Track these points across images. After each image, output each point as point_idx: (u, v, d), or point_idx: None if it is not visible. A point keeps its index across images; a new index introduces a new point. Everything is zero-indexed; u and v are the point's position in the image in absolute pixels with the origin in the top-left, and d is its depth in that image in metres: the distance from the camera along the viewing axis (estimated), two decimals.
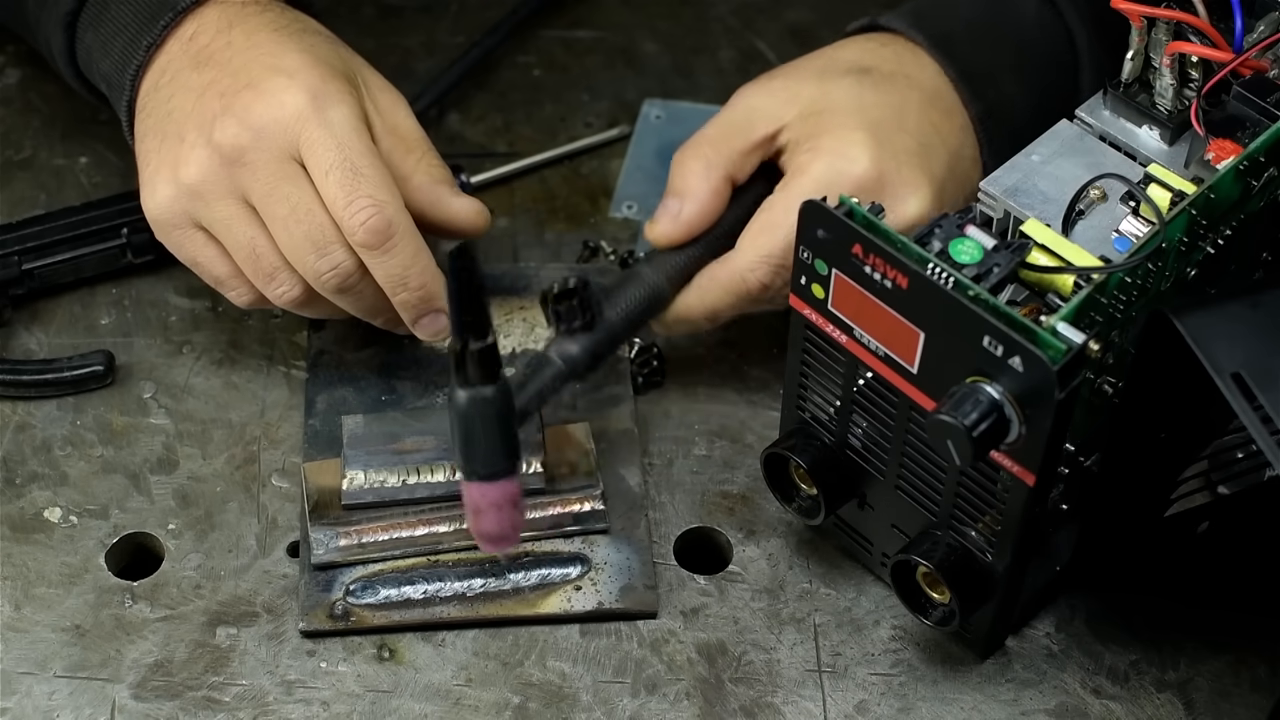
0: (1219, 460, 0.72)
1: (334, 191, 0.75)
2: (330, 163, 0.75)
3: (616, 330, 0.77)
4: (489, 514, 0.72)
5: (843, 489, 0.75)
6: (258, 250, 0.77)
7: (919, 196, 0.77)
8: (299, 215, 0.75)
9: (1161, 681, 0.75)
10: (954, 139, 0.80)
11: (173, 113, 0.78)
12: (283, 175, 0.75)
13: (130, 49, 0.80)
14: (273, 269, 0.77)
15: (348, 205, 0.75)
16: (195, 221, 0.78)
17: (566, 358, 0.75)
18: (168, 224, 0.78)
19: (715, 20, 1.02)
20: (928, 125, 0.79)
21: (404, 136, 0.80)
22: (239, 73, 0.77)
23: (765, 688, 0.74)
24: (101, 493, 0.80)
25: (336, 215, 0.75)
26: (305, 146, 0.75)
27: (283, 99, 0.76)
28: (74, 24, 0.83)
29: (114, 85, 0.82)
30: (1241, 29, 0.70)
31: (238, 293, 0.79)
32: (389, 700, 0.73)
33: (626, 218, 0.91)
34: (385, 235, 0.75)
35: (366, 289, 0.77)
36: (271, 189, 0.75)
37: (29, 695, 0.73)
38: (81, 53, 0.83)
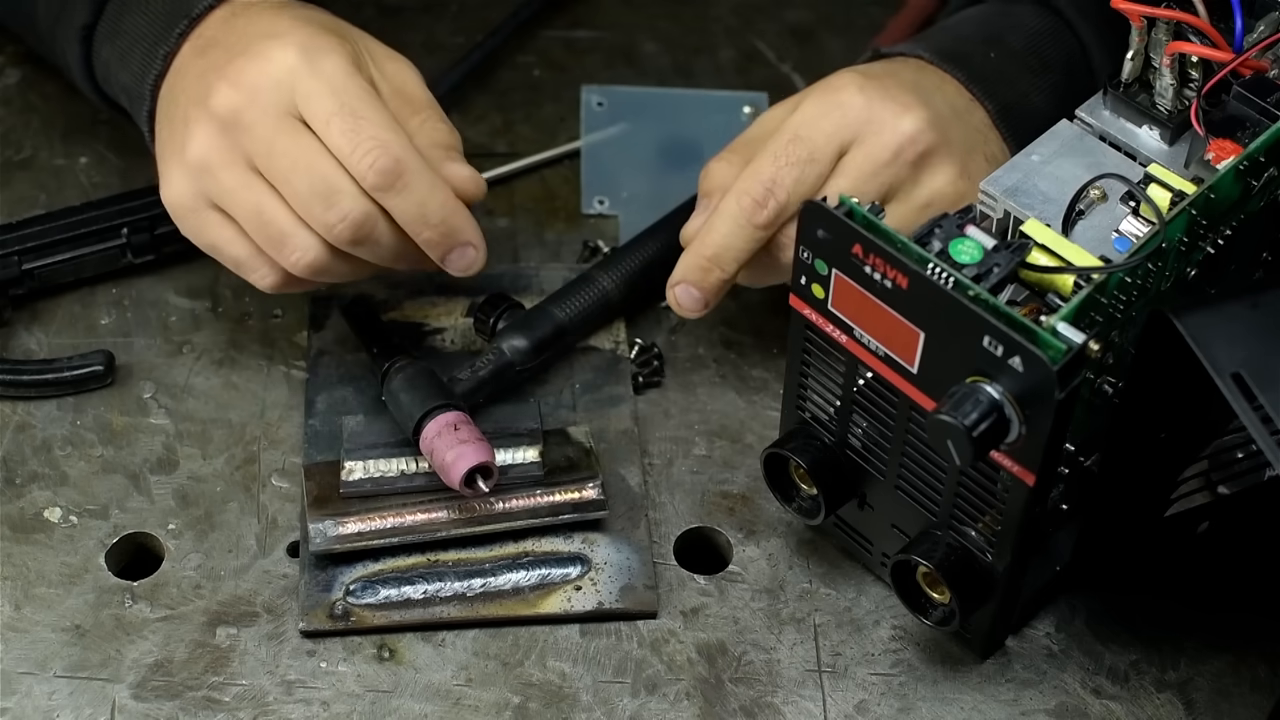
0: (1219, 460, 0.72)
1: (337, 139, 0.75)
2: (329, 111, 0.75)
3: (561, 325, 0.83)
4: (439, 450, 0.76)
5: (843, 489, 0.75)
6: (265, 214, 0.76)
7: (913, 115, 0.77)
8: (301, 168, 0.75)
9: (1161, 681, 0.75)
10: (965, 111, 0.80)
11: (177, 99, 0.79)
12: (281, 130, 0.75)
13: (148, 59, 0.81)
14: (283, 233, 0.76)
15: (353, 150, 0.74)
16: (209, 200, 0.77)
17: (510, 348, 0.82)
18: (184, 209, 0.78)
19: (715, 20, 1.02)
20: (931, 85, 0.80)
21: (410, 98, 0.80)
22: (233, 47, 0.77)
23: (765, 688, 0.74)
24: (101, 493, 0.80)
25: (345, 162, 0.75)
26: (301, 100, 0.75)
27: (272, 56, 0.76)
28: (90, 37, 0.83)
29: (134, 96, 0.82)
30: (1241, 29, 0.70)
31: (260, 273, 0.78)
32: (389, 700, 0.73)
33: (601, 213, 0.91)
34: (395, 174, 0.74)
35: (383, 235, 0.76)
36: (271, 146, 0.75)
37: (29, 695, 0.73)
38: (99, 66, 0.84)
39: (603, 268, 0.85)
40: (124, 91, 0.83)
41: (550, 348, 0.83)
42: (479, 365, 0.81)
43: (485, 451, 0.76)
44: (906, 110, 0.77)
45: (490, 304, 0.84)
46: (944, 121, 0.78)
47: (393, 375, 0.79)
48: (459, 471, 0.75)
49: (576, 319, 0.83)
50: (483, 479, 0.76)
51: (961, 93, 0.81)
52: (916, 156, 0.77)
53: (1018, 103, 0.81)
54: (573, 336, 0.84)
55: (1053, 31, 0.83)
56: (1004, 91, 0.81)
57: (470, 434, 0.76)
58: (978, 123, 0.80)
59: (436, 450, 0.76)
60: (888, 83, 0.78)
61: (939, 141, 0.77)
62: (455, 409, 0.77)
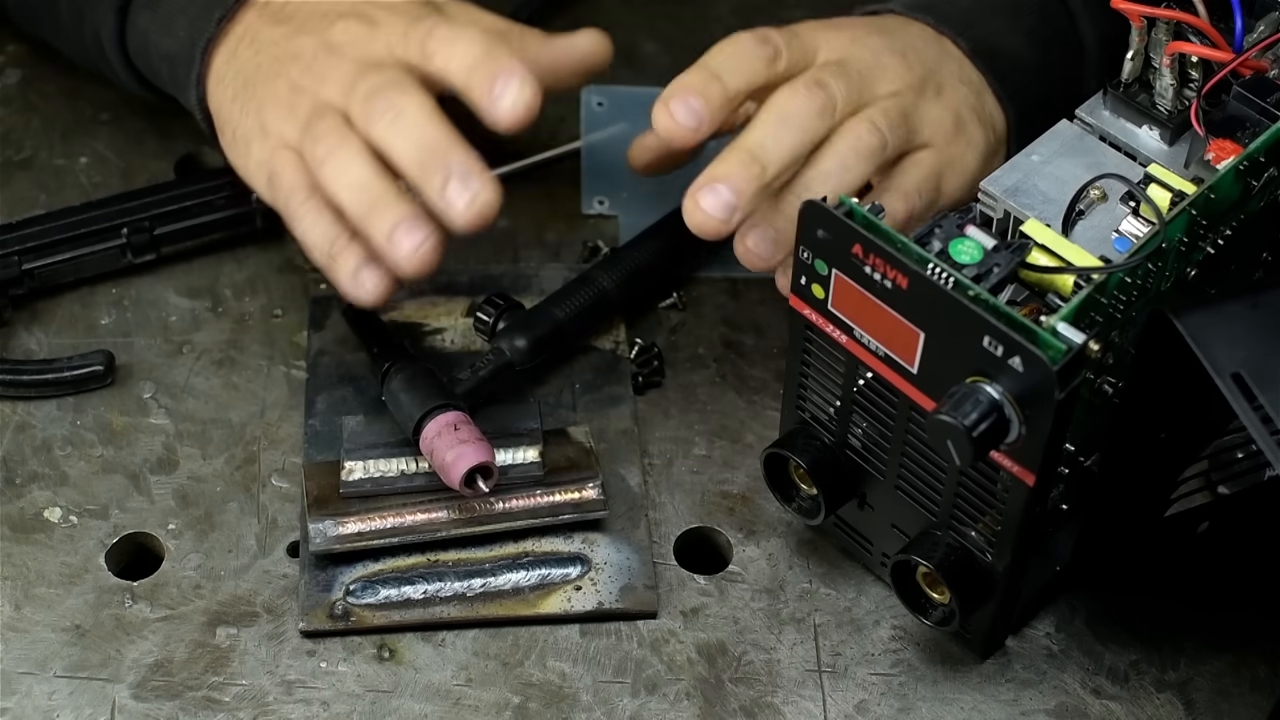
0: (1219, 460, 0.72)
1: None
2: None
3: (561, 325, 0.83)
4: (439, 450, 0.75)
5: (843, 489, 0.75)
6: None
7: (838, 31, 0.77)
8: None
9: (1161, 681, 0.75)
10: (934, 40, 0.80)
11: (261, 65, 0.78)
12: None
13: (200, 23, 0.81)
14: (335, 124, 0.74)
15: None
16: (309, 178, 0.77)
17: (510, 348, 0.81)
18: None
19: (715, 20, 1.02)
20: (894, 24, 0.80)
21: (491, 26, 0.81)
22: (328, 12, 0.78)
23: (765, 688, 0.74)
24: (101, 493, 0.80)
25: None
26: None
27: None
28: (126, 7, 0.84)
29: (180, 61, 0.82)
30: (1241, 29, 0.70)
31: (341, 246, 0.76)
32: (389, 700, 0.73)
33: (601, 213, 0.91)
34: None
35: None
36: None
37: (29, 695, 0.73)
38: (135, 37, 0.84)
39: (603, 268, 0.85)
40: (166, 58, 0.83)
41: (550, 348, 0.83)
42: (479, 365, 0.81)
43: (485, 451, 0.76)
44: (831, 29, 0.77)
45: (490, 304, 0.84)
46: (917, 52, 0.78)
47: (393, 375, 0.79)
48: (459, 471, 0.75)
49: (576, 319, 0.83)
50: (483, 479, 0.76)
51: (928, 33, 0.81)
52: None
53: (993, 39, 0.81)
54: (573, 336, 0.84)
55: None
56: (976, 30, 0.81)
57: (470, 434, 0.76)
58: (948, 52, 0.80)
59: (436, 450, 0.76)
60: (845, 22, 0.79)
61: (907, 77, 0.77)
62: (455, 409, 0.77)
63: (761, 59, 0.74)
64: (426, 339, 0.85)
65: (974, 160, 0.79)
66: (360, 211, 0.73)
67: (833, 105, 0.74)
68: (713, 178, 0.72)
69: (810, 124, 0.73)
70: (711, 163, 0.73)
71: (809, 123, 0.73)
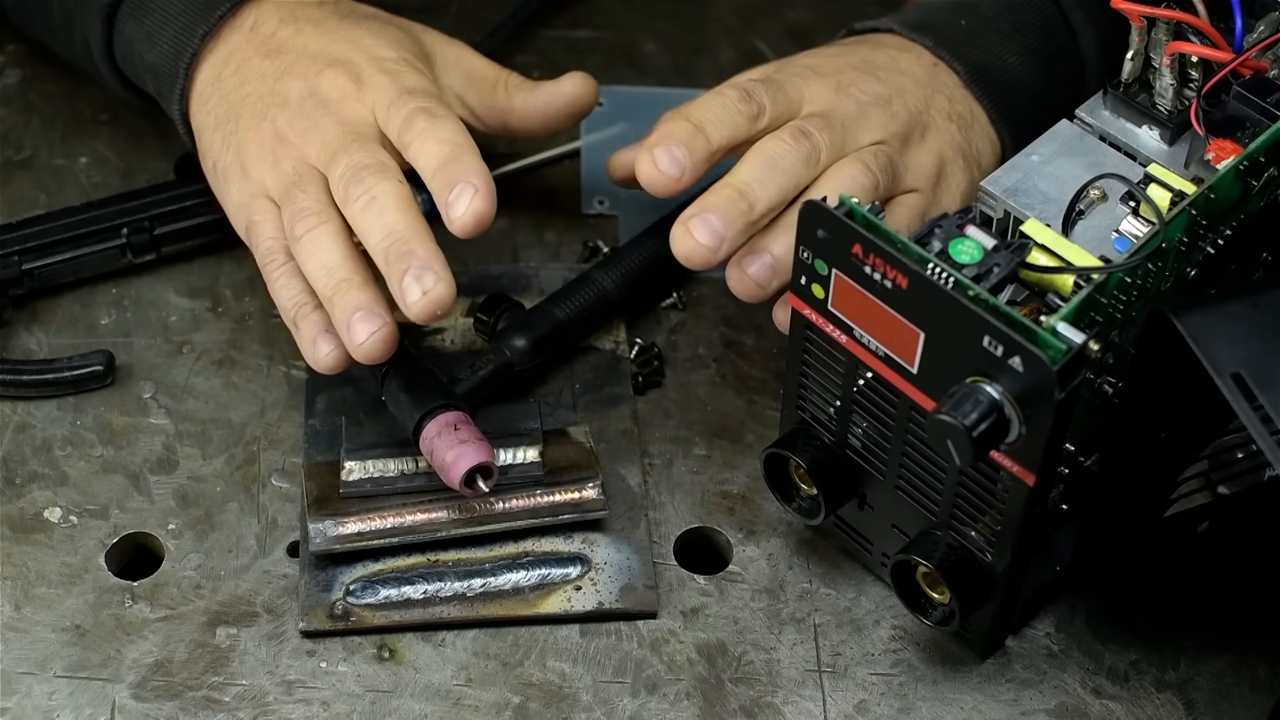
0: (1219, 460, 0.72)
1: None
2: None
3: (561, 325, 0.82)
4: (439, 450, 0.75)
5: (843, 489, 0.75)
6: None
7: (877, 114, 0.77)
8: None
9: (1161, 681, 0.75)
10: (927, 77, 0.80)
11: (247, 98, 0.79)
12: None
13: (183, 38, 0.81)
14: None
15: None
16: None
17: (510, 348, 0.81)
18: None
19: (715, 20, 1.02)
20: (887, 60, 0.80)
21: (482, 77, 0.83)
22: (317, 56, 0.79)
23: (765, 688, 0.74)
24: (101, 493, 0.80)
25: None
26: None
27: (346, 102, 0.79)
28: (113, 15, 0.84)
29: (163, 74, 0.82)
30: (1241, 29, 0.70)
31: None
32: (389, 700, 0.73)
33: (601, 213, 0.91)
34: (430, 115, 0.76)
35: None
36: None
37: (29, 695, 0.73)
38: (121, 45, 0.84)
39: (603, 268, 0.85)
40: (150, 70, 0.83)
41: (550, 348, 0.83)
42: (479, 365, 0.81)
43: (485, 451, 0.76)
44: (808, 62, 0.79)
45: (490, 304, 0.84)
46: (903, 97, 0.79)
47: (393, 375, 0.79)
48: (459, 471, 0.75)
49: (576, 319, 0.83)
50: (483, 479, 0.76)
51: (924, 58, 0.81)
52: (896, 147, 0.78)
53: (990, 63, 0.82)
54: (573, 336, 0.84)
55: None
56: (975, 53, 0.81)
57: (470, 434, 0.76)
58: (941, 82, 0.81)
59: (436, 450, 0.76)
60: (833, 55, 0.80)
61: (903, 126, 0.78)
62: (455, 409, 0.77)
63: (745, 115, 0.76)
64: (426, 339, 0.85)
65: (955, 203, 0.80)
66: (326, 292, 0.75)
67: (817, 155, 0.76)
68: (704, 208, 0.74)
69: (796, 170, 0.75)
70: (701, 197, 0.74)
71: (795, 169, 0.75)
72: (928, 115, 0.79)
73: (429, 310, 0.73)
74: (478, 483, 0.76)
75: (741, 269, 0.75)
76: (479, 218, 0.74)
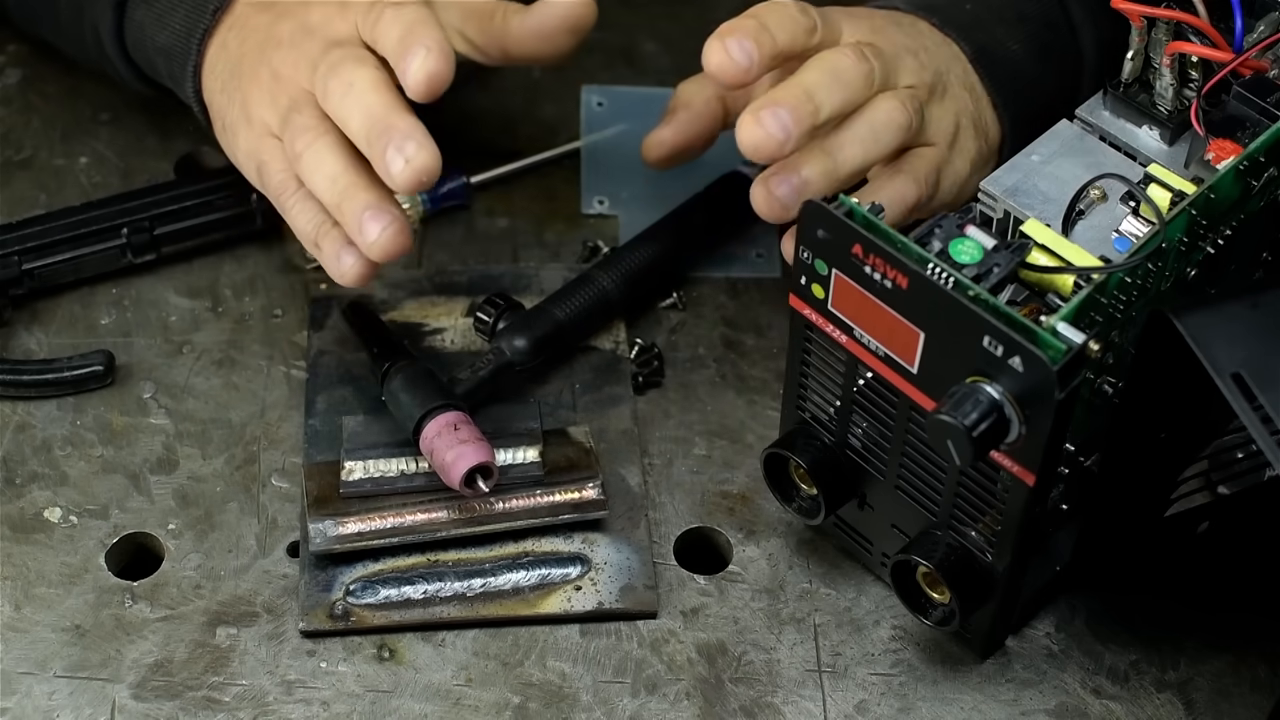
0: (1219, 460, 0.72)
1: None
2: None
3: (561, 325, 0.83)
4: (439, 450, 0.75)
5: (843, 489, 0.75)
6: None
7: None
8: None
9: (1161, 681, 0.75)
10: (942, 42, 0.81)
11: (247, 53, 0.80)
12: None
13: (195, 15, 0.82)
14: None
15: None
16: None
17: (510, 348, 0.81)
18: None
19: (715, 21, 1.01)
20: (906, 21, 0.81)
21: (479, 8, 0.84)
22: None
23: (765, 688, 0.74)
24: (101, 493, 0.80)
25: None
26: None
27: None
28: (124, 3, 0.84)
29: (176, 54, 0.83)
30: (1241, 29, 0.70)
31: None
32: (389, 700, 0.73)
33: (601, 213, 0.91)
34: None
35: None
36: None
37: (29, 695, 0.73)
38: (132, 31, 0.85)
39: (603, 268, 0.85)
40: (162, 52, 0.83)
41: (550, 348, 0.83)
42: (479, 365, 0.81)
43: (485, 451, 0.76)
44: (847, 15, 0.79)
45: (490, 304, 0.84)
46: (928, 52, 0.79)
47: (393, 375, 0.79)
48: (459, 471, 0.75)
49: (576, 319, 0.83)
50: (483, 479, 0.76)
51: (935, 31, 0.81)
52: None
53: (994, 47, 0.82)
54: (573, 336, 0.84)
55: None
56: (979, 36, 0.82)
57: (470, 434, 0.76)
58: (953, 54, 0.81)
59: (436, 450, 0.76)
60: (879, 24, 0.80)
61: (915, 68, 0.79)
62: (455, 409, 0.77)
63: (804, 28, 0.76)
64: (426, 339, 0.85)
65: (965, 167, 0.80)
66: (333, 203, 0.76)
67: (873, 77, 0.75)
68: (775, 101, 0.73)
69: (857, 85, 0.75)
70: (769, 92, 0.74)
71: (857, 84, 0.75)
72: (947, 78, 0.80)
73: (414, 179, 0.73)
74: (478, 483, 0.76)
75: (769, 188, 0.75)
76: (431, 74, 0.74)
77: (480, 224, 0.91)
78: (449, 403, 0.77)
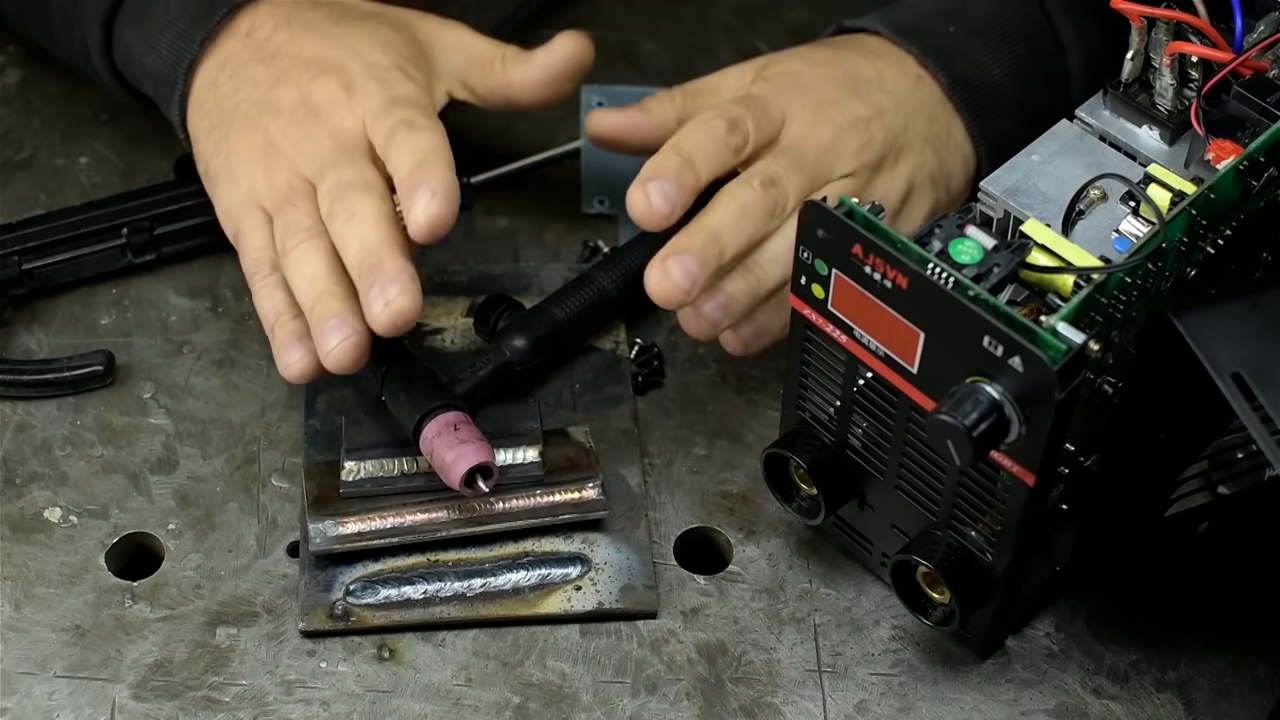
0: (1219, 460, 0.72)
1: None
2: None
3: (561, 325, 0.83)
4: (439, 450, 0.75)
5: (843, 489, 0.75)
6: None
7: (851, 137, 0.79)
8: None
9: (1161, 681, 0.75)
10: (909, 93, 0.81)
11: (240, 105, 0.80)
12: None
13: (182, 43, 0.82)
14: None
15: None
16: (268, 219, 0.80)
17: (510, 348, 0.81)
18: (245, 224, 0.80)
19: (715, 20, 1.02)
20: (871, 75, 0.81)
21: (480, 57, 0.84)
22: (310, 63, 0.80)
23: (765, 688, 0.74)
24: (101, 493, 0.80)
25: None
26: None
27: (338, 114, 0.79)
28: (112, 21, 0.84)
29: (163, 80, 0.83)
30: (1241, 29, 0.70)
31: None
32: (389, 700, 0.73)
33: (602, 213, 0.91)
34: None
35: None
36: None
37: (29, 695, 0.73)
38: (120, 49, 0.85)
39: (603, 268, 0.85)
40: (149, 75, 0.84)
41: (550, 347, 0.83)
42: (479, 365, 0.81)
43: (485, 451, 0.76)
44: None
45: (490, 304, 0.84)
46: (882, 119, 0.80)
47: (393, 375, 0.79)
48: (459, 471, 0.75)
49: (576, 319, 0.83)
50: (483, 479, 0.76)
51: (908, 70, 0.82)
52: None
53: (974, 74, 0.82)
54: (573, 336, 0.84)
55: (1019, 5, 0.84)
56: (960, 64, 0.82)
57: (470, 434, 0.76)
58: (922, 100, 0.82)
59: (436, 450, 0.76)
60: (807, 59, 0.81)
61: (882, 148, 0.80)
62: (455, 409, 0.77)
63: (731, 149, 0.78)
64: (426, 339, 0.85)
65: (915, 225, 0.81)
66: (307, 301, 0.76)
67: (783, 205, 0.77)
68: (680, 249, 0.75)
69: (762, 221, 0.77)
70: (676, 237, 0.76)
71: (761, 219, 0.77)
72: (904, 138, 0.80)
73: (391, 322, 0.74)
74: (478, 483, 0.76)
75: (697, 307, 0.77)
76: (432, 220, 0.75)
77: (480, 224, 0.91)
78: (449, 403, 0.77)
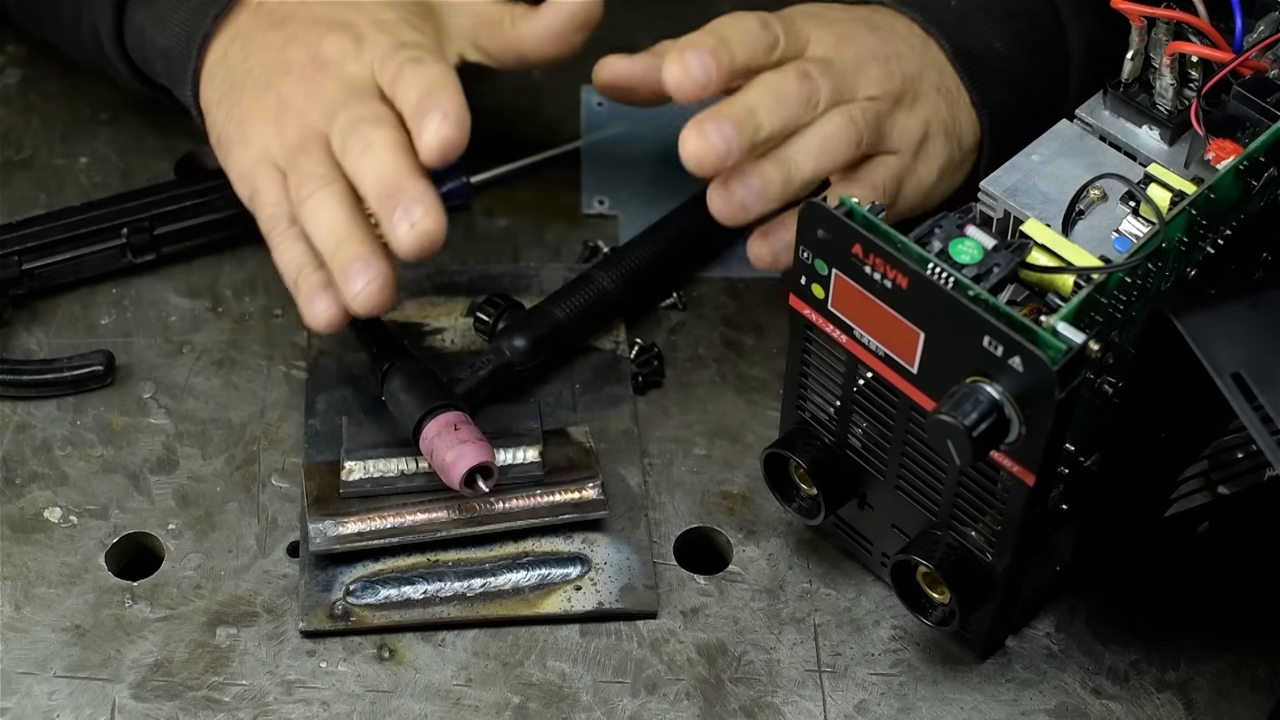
0: (1219, 460, 0.72)
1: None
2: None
3: (561, 325, 0.82)
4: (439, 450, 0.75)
5: (843, 489, 0.75)
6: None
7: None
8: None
9: (1161, 681, 0.75)
10: (921, 44, 0.81)
11: (252, 70, 0.80)
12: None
13: (195, 19, 0.82)
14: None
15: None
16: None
17: (510, 348, 0.81)
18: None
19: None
20: (884, 22, 0.81)
21: (488, 16, 0.83)
22: (320, 21, 0.80)
23: (765, 688, 0.74)
24: (101, 493, 0.80)
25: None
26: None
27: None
28: (124, 3, 0.85)
29: (175, 57, 0.83)
30: (1241, 29, 0.70)
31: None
32: (389, 700, 0.73)
33: (601, 213, 0.91)
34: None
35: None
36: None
37: (29, 695, 0.73)
38: (131, 32, 0.85)
39: (603, 268, 0.85)
40: (161, 54, 0.83)
41: (550, 348, 0.83)
42: (479, 365, 0.81)
43: (485, 451, 0.76)
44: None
45: (490, 304, 0.84)
46: (900, 59, 0.80)
47: (393, 375, 0.79)
48: (459, 471, 0.75)
49: (576, 319, 0.83)
50: (483, 479, 0.76)
51: (915, 31, 0.82)
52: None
53: (976, 46, 0.82)
54: (573, 336, 0.84)
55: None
56: (961, 35, 0.82)
57: (470, 434, 0.76)
58: (933, 56, 0.81)
59: (436, 450, 0.76)
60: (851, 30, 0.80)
61: (880, 73, 0.79)
62: (455, 409, 0.77)
63: (765, 44, 0.77)
64: (426, 339, 0.85)
65: (932, 175, 0.80)
66: (327, 248, 0.76)
67: (817, 99, 0.77)
68: (717, 114, 0.74)
69: (797, 108, 0.76)
70: (711, 107, 0.75)
71: (796, 107, 0.76)
72: (920, 83, 0.80)
73: (417, 244, 0.73)
74: (478, 483, 0.76)
75: (728, 188, 0.76)
76: (444, 142, 0.75)
77: (480, 224, 0.91)
78: (449, 403, 0.77)
